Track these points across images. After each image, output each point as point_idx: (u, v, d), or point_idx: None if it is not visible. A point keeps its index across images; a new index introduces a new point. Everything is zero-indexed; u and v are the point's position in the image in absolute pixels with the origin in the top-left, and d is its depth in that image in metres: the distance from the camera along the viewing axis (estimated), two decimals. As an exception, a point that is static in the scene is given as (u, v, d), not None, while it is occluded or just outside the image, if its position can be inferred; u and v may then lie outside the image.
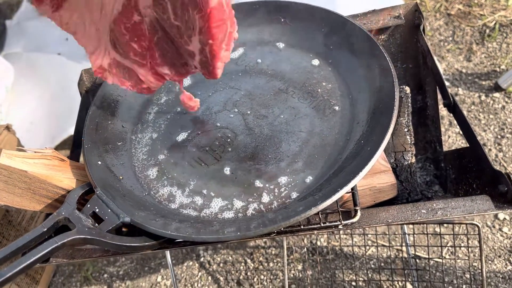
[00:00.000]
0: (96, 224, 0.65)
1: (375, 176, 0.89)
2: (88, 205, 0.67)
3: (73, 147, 0.91)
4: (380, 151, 0.62)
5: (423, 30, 0.93)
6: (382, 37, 0.99)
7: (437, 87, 0.95)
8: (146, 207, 0.71)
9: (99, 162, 0.76)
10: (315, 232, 0.66)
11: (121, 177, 0.76)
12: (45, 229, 0.62)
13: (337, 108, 0.78)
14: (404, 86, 0.99)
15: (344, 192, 0.60)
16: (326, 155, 0.72)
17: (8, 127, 1.15)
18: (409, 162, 0.98)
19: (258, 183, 0.72)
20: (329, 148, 0.73)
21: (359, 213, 0.65)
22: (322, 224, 0.65)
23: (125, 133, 0.86)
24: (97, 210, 0.67)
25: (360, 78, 0.79)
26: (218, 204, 0.71)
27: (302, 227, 0.65)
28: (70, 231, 0.61)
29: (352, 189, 0.67)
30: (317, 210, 0.59)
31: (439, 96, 0.91)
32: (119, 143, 0.83)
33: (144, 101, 0.91)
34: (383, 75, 0.73)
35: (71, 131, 1.49)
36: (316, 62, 0.86)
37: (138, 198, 0.73)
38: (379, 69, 0.75)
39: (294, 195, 0.69)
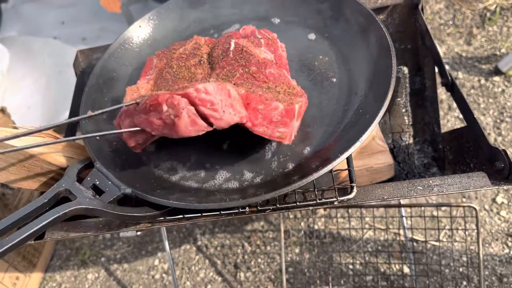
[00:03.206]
0: (97, 196, 0.65)
1: (372, 156, 0.89)
2: (88, 178, 0.66)
3: (69, 125, 0.90)
4: (380, 117, 0.62)
5: (422, 9, 0.92)
6: (381, 17, 0.97)
7: (435, 68, 0.94)
8: (147, 180, 0.70)
9: (98, 137, 0.75)
10: (311, 208, 0.66)
11: (120, 151, 0.76)
12: (46, 200, 0.60)
13: (334, 80, 0.77)
14: (402, 67, 0.98)
15: (343, 158, 0.59)
16: (324, 125, 0.72)
17: (3, 110, 1.14)
18: (407, 143, 0.97)
19: (255, 155, 0.72)
20: (328, 118, 0.72)
21: (355, 190, 0.65)
22: (318, 201, 0.65)
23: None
24: (97, 182, 0.66)
25: (357, 49, 0.78)
26: (221, 176, 0.71)
27: (298, 203, 0.65)
28: (72, 202, 0.59)
29: (348, 166, 0.67)
30: (317, 176, 0.59)
31: (438, 80, 0.90)
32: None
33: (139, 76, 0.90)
34: (380, 44, 0.72)
35: (67, 115, 1.48)
36: (312, 36, 0.85)
37: (138, 171, 0.73)
38: (376, 39, 0.74)
39: (291, 166, 0.69)
